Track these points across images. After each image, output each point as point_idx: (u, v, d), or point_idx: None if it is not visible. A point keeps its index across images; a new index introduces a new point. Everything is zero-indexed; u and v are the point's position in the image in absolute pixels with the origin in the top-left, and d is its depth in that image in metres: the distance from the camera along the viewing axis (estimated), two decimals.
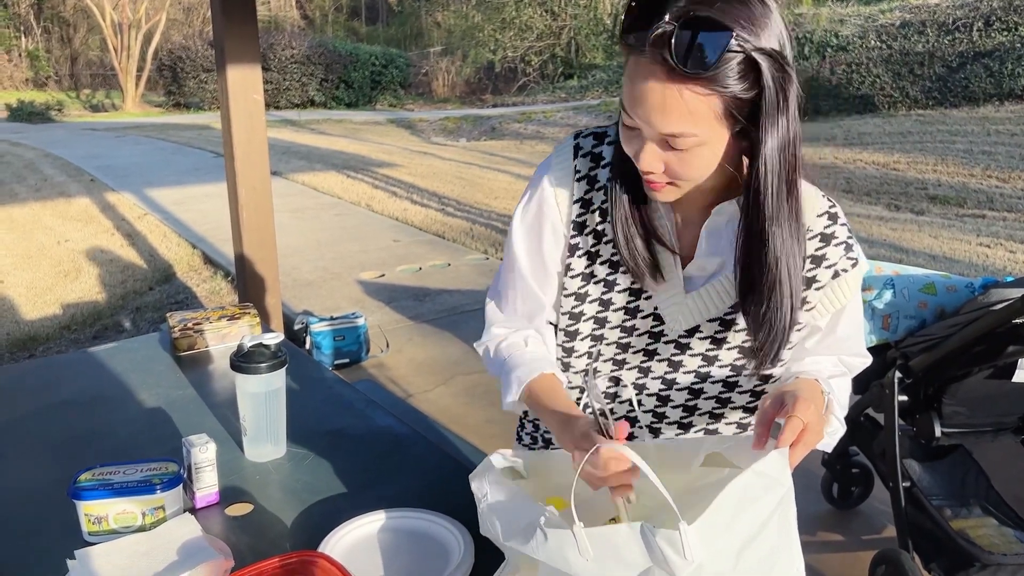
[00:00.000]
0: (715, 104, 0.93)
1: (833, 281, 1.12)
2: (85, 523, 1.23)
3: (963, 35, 13.15)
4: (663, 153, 0.99)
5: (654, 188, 1.04)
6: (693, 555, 0.79)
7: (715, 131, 0.96)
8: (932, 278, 2.28)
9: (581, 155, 1.17)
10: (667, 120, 0.94)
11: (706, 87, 0.91)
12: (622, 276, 1.16)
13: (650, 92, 0.93)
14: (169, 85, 20.06)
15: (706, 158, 0.99)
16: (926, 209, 7.70)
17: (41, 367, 2.13)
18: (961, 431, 2.28)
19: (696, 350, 1.18)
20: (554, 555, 0.85)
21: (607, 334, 1.20)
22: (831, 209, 1.12)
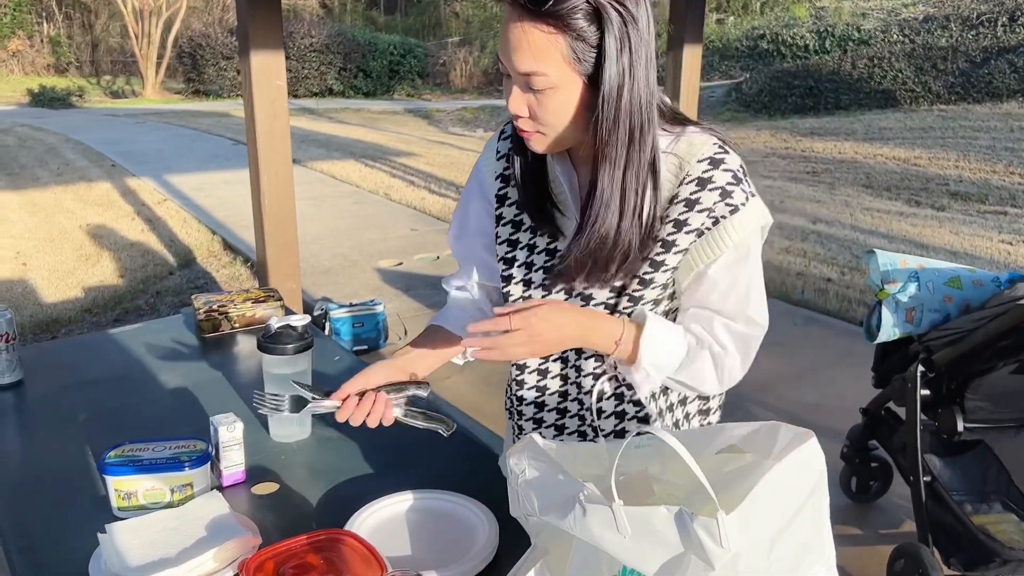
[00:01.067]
0: (561, 44, 1.01)
1: (714, 227, 1.11)
2: (115, 498, 1.25)
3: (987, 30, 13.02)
4: (525, 95, 1.07)
5: (526, 137, 1.12)
6: (730, 544, 0.79)
7: (565, 74, 1.04)
8: (958, 272, 2.26)
9: (503, 138, 1.29)
10: (522, 59, 1.03)
11: (551, 25, 1.00)
12: (540, 239, 1.25)
13: (509, 32, 1.04)
14: (189, 72, 20.13)
15: (560, 101, 1.06)
16: (947, 205, 7.63)
17: (67, 347, 2.15)
18: (983, 426, 2.27)
19: (598, 299, 1.20)
20: (591, 530, 0.85)
21: (533, 294, 1.27)
22: (716, 155, 1.12)
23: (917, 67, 13.12)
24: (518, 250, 1.26)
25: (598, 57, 1.03)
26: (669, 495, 0.98)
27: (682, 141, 1.13)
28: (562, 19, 0.99)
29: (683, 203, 1.12)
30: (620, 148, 1.07)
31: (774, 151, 10.71)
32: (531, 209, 1.22)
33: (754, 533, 0.81)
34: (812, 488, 0.86)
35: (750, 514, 0.81)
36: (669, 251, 1.14)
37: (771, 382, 3.80)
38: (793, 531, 0.84)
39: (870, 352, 2.57)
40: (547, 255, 1.24)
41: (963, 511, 2.22)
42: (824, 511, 0.88)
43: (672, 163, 1.13)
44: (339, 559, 1.05)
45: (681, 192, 1.12)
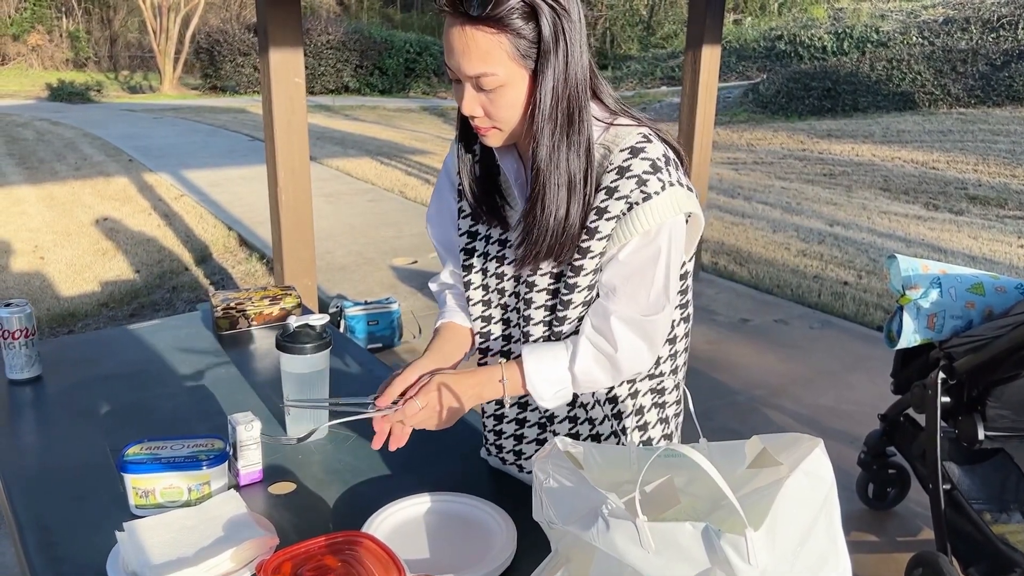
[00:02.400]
0: (505, 44, 1.07)
1: (629, 213, 1.14)
2: (132, 496, 1.25)
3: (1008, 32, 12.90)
4: (477, 95, 1.13)
5: (482, 133, 1.18)
6: (758, 561, 0.78)
7: (512, 71, 1.10)
8: (981, 278, 2.23)
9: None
10: (470, 62, 1.09)
11: (494, 28, 1.06)
12: (494, 230, 1.30)
13: (454, 39, 1.09)
14: (206, 68, 20.22)
15: (511, 97, 1.12)
16: (965, 209, 7.56)
17: (85, 342, 2.16)
18: (1004, 435, 2.24)
19: (540, 286, 1.25)
20: (615, 544, 0.84)
21: (488, 281, 1.33)
22: (638, 144, 1.15)
23: (936, 69, 13.02)
24: (477, 241, 1.32)
25: (538, 51, 1.09)
26: (694, 507, 0.96)
27: (610, 132, 1.18)
28: (501, 20, 1.06)
29: (604, 191, 1.16)
30: (560, 132, 1.12)
31: (791, 153, 10.65)
32: (478, 202, 1.28)
33: (778, 548, 0.80)
34: (824, 498, 0.85)
35: (775, 529, 0.80)
36: (593, 237, 1.17)
37: (786, 385, 3.78)
38: (811, 543, 0.83)
39: (887, 357, 2.55)
40: (499, 245, 1.30)
41: (982, 520, 2.19)
42: (836, 520, 0.87)
43: (599, 153, 1.18)
44: (357, 561, 1.04)
45: (603, 180, 1.17)
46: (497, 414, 1.38)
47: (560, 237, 1.16)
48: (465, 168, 1.28)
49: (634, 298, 1.18)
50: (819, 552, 0.84)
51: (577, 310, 1.23)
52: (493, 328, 1.35)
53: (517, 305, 1.30)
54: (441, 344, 1.38)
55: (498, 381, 1.23)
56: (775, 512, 0.81)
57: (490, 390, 1.24)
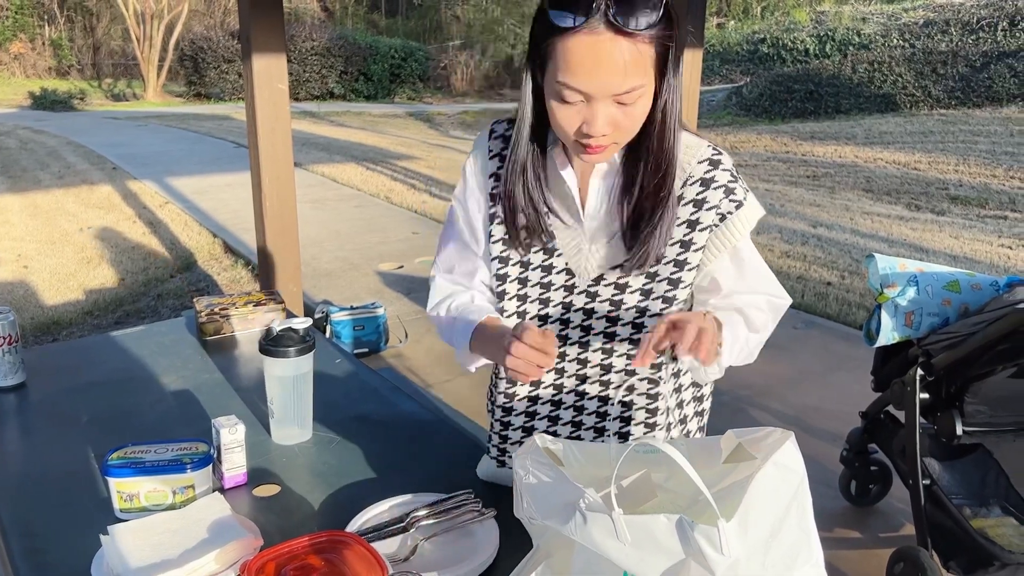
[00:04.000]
0: (650, 53, 1.04)
1: (723, 223, 1.18)
2: (117, 500, 1.26)
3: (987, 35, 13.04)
4: (614, 113, 1.07)
5: (595, 151, 1.11)
6: (731, 551, 0.80)
7: (651, 78, 1.07)
8: (956, 276, 2.27)
9: (494, 137, 1.30)
10: (625, 79, 1.03)
11: (646, 39, 1.03)
12: (534, 255, 1.26)
13: (602, 58, 1.02)
14: (190, 75, 20.16)
15: (645, 107, 1.09)
16: (947, 209, 7.64)
17: (70, 349, 2.16)
18: (982, 430, 2.27)
19: (603, 296, 1.25)
20: (592, 537, 0.86)
21: (530, 292, 1.28)
22: (713, 156, 1.19)
23: (917, 71, 13.14)
24: (512, 249, 1.28)
25: (668, 59, 1.07)
26: (670, 501, 0.98)
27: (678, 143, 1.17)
28: (653, 30, 1.02)
29: (692, 204, 1.18)
30: (671, 141, 1.12)
31: (774, 155, 10.72)
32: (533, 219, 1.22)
33: (750, 538, 0.82)
34: (796, 489, 0.87)
35: (747, 520, 0.82)
36: (689, 250, 1.20)
37: (772, 385, 3.81)
38: (784, 534, 0.85)
39: (870, 356, 2.58)
40: (544, 253, 1.26)
41: (962, 515, 2.22)
42: (808, 512, 0.89)
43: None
44: (340, 561, 1.05)
45: (687, 193, 1.18)
46: (506, 406, 1.34)
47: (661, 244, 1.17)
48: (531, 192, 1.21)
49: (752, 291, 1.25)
50: (791, 543, 0.85)
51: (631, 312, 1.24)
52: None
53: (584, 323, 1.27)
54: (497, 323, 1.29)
55: None
56: (747, 503, 0.82)
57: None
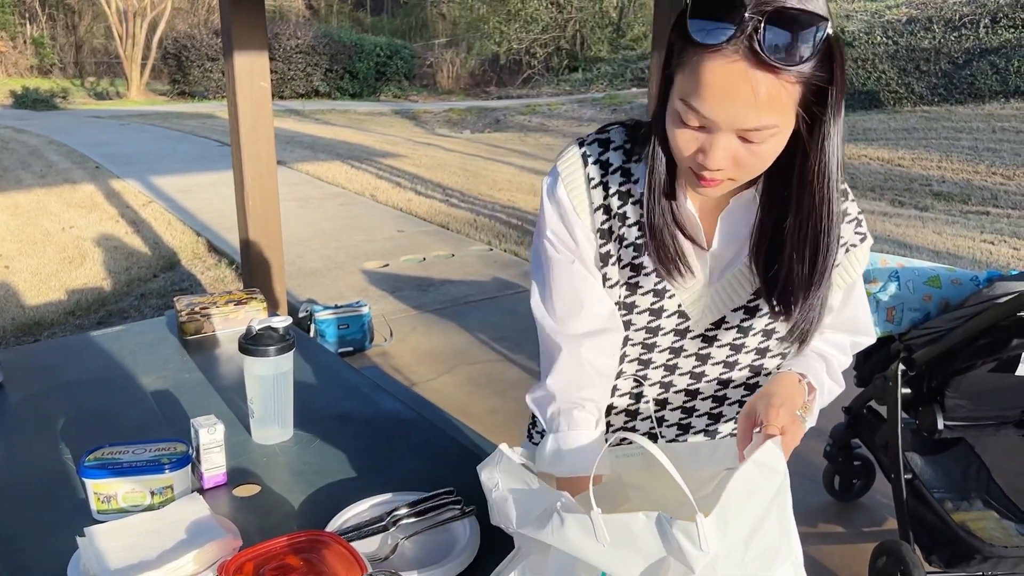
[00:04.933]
0: (797, 92, 0.92)
1: (844, 257, 1.13)
2: (94, 501, 1.24)
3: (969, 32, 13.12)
4: (735, 148, 0.95)
5: (710, 184, 1.00)
6: (709, 547, 0.80)
7: (790, 119, 0.95)
8: (937, 271, 2.28)
9: (591, 163, 1.13)
10: (757, 115, 0.91)
11: (794, 76, 0.90)
12: (644, 278, 1.14)
13: (737, 87, 0.90)
14: (174, 74, 20.04)
15: (777, 148, 0.97)
16: (930, 205, 7.69)
17: (49, 349, 2.14)
18: (963, 424, 2.29)
19: (723, 341, 1.18)
20: (570, 540, 0.86)
21: (632, 335, 1.18)
22: (842, 186, 1.11)
23: (900, 68, 13.20)
24: (638, 295, 1.15)
25: (824, 97, 0.94)
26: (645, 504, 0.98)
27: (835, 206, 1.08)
28: (802, 68, 0.89)
29: None
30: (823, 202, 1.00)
31: None
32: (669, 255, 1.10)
33: (730, 536, 0.82)
34: (777, 489, 0.87)
35: (725, 517, 0.82)
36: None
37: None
38: (763, 533, 0.85)
39: None
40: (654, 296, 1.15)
41: (944, 508, 2.24)
42: (788, 512, 0.89)
43: None
44: (320, 560, 1.05)
45: None
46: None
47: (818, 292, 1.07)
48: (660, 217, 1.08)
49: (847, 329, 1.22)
50: (771, 542, 0.86)
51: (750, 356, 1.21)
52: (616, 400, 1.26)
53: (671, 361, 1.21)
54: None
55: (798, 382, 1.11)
56: (725, 500, 0.82)
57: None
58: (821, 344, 1.21)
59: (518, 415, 1.54)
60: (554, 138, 13.14)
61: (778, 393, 1.04)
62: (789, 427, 0.98)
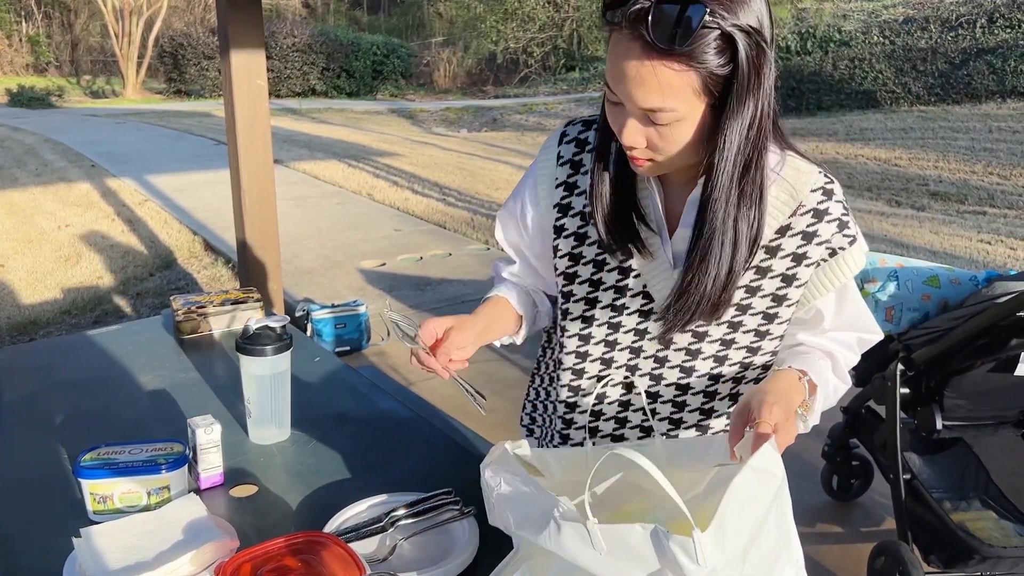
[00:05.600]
0: (692, 79, 0.94)
1: (832, 259, 1.12)
2: (90, 502, 1.24)
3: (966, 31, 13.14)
4: (644, 128, 1.00)
5: (636, 163, 1.06)
6: (706, 560, 0.79)
7: (693, 106, 0.97)
8: (936, 271, 2.28)
9: (566, 141, 1.21)
10: (647, 95, 0.96)
11: (683, 63, 0.93)
12: (611, 256, 1.18)
13: (630, 68, 0.95)
14: (170, 72, 19.99)
15: (684, 132, 1.00)
16: (927, 205, 7.70)
17: (45, 348, 2.13)
18: (962, 424, 2.29)
19: (714, 336, 1.19)
20: (567, 547, 0.85)
21: (597, 314, 1.21)
22: (827, 185, 1.12)
23: (897, 68, 13.21)
24: (580, 265, 1.20)
25: (726, 84, 0.96)
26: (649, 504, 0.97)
27: (788, 166, 1.10)
28: (693, 55, 0.92)
29: (800, 235, 1.11)
30: (735, 174, 1.01)
31: None
32: (615, 229, 1.13)
33: (728, 547, 0.81)
34: (775, 493, 0.86)
35: (723, 528, 0.81)
36: (791, 285, 1.13)
37: None
38: (763, 539, 0.84)
39: None
40: (619, 273, 1.18)
41: (942, 508, 2.24)
42: (788, 515, 0.88)
43: (783, 190, 1.10)
44: (317, 561, 1.04)
45: (795, 224, 1.11)
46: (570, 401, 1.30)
47: (716, 298, 1.08)
48: (600, 191, 1.13)
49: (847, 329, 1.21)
50: (771, 547, 0.85)
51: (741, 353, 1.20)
52: (609, 391, 1.26)
53: (636, 343, 1.21)
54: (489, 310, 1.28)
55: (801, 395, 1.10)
56: (723, 512, 0.81)
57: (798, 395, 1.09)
58: (827, 342, 1.21)
59: (515, 414, 1.54)
60: None
61: (773, 390, 1.04)
62: (782, 425, 0.97)
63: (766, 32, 0.96)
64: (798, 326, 1.22)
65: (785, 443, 0.98)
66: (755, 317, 1.17)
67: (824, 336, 1.21)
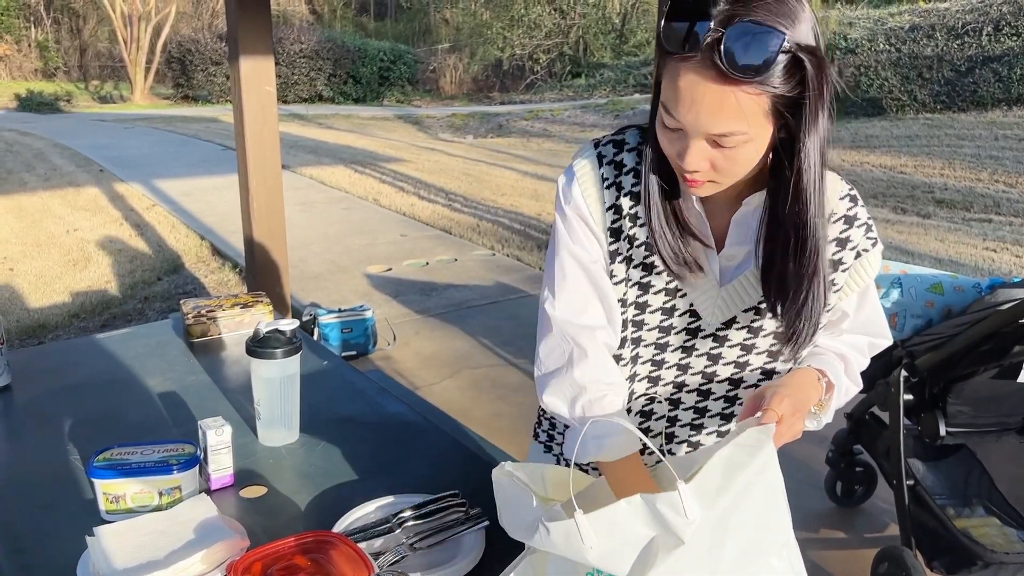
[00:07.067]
0: (764, 103, 0.95)
1: (856, 261, 1.15)
2: (103, 502, 1.26)
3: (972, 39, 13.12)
4: (710, 151, 1.00)
5: (694, 185, 1.05)
6: (693, 513, 0.81)
7: (763, 128, 0.98)
8: (939, 278, 2.29)
9: (606, 163, 1.17)
10: (719, 121, 0.96)
11: (757, 88, 0.94)
12: (656, 278, 1.17)
13: (701, 95, 0.95)
14: (178, 77, 20.09)
15: (752, 154, 1.01)
16: (932, 212, 7.69)
17: (55, 351, 2.15)
18: (965, 431, 2.29)
19: (734, 341, 1.20)
20: (559, 546, 0.87)
21: (644, 336, 1.21)
22: (851, 192, 1.15)
23: (903, 76, 13.21)
24: (629, 288, 1.18)
25: (795, 106, 0.97)
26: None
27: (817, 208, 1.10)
28: (768, 80, 0.93)
29: (835, 242, 1.13)
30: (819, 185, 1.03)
31: None
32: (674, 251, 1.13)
33: (712, 505, 0.83)
34: (762, 466, 0.88)
35: (706, 485, 0.83)
36: (829, 291, 1.15)
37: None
38: (748, 509, 0.86)
39: None
40: (666, 295, 1.18)
41: (946, 515, 2.24)
42: (778, 490, 0.90)
43: None
44: (326, 561, 1.06)
45: (830, 231, 1.13)
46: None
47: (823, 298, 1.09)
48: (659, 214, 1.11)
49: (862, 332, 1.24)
50: (757, 515, 0.86)
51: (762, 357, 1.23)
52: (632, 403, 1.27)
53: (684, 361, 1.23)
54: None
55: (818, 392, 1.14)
56: (706, 472, 0.85)
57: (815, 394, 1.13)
58: (840, 344, 1.23)
59: (521, 419, 1.55)
60: (557, 143, 13.16)
61: (790, 384, 1.07)
62: (788, 418, 1.00)
63: (821, 44, 0.97)
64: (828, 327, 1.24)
65: (787, 436, 1.02)
66: (772, 320, 1.19)
67: (838, 339, 1.24)
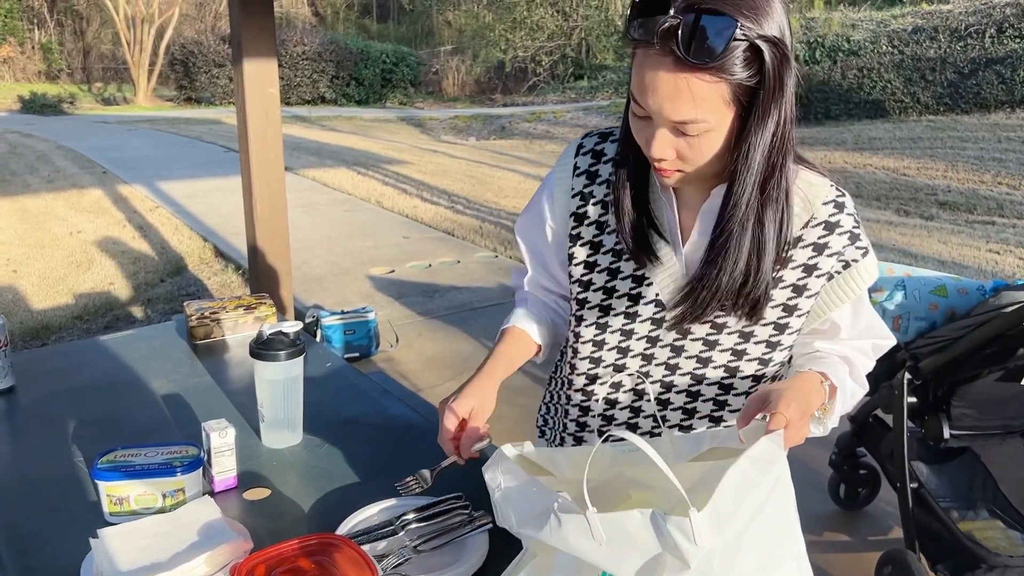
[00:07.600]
0: (723, 90, 0.97)
1: (845, 271, 1.15)
2: (106, 504, 1.26)
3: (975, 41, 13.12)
4: (674, 140, 1.03)
5: (663, 174, 1.08)
6: (703, 541, 0.81)
7: (723, 116, 1.00)
8: (943, 280, 2.29)
9: (582, 152, 1.24)
10: (678, 108, 0.98)
11: (714, 75, 0.95)
12: (625, 264, 1.21)
13: (660, 82, 0.97)
14: (181, 80, 20.12)
15: (713, 142, 1.02)
16: (935, 215, 7.68)
17: (59, 353, 2.15)
18: (969, 433, 2.29)
19: (696, 335, 1.21)
20: (568, 540, 0.87)
21: (611, 321, 1.23)
22: (839, 198, 1.15)
23: (906, 78, 13.21)
24: (595, 273, 1.23)
25: (754, 95, 0.99)
26: (644, 498, 0.99)
27: (800, 179, 1.13)
28: (725, 68, 0.95)
29: (811, 247, 1.14)
30: (759, 180, 1.04)
31: None
32: (633, 238, 1.17)
33: (725, 529, 0.82)
34: (775, 482, 0.87)
35: (719, 510, 0.82)
36: (801, 295, 1.15)
37: None
38: (760, 527, 0.85)
39: None
40: (633, 281, 1.21)
41: (950, 518, 2.24)
42: (789, 505, 0.89)
43: (796, 201, 1.11)
44: (330, 563, 1.05)
45: (807, 235, 1.13)
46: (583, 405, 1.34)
47: (730, 297, 1.10)
48: (624, 204, 1.16)
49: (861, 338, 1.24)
50: (769, 535, 0.86)
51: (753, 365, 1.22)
52: (621, 396, 1.30)
53: (648, 351, 1.24)
54: (506, 351, 1.35)
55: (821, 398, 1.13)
56: (719, 494, 0.83)
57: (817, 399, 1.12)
58: (844, 348, 1.23)
59: (523, 421, 1.55)
60: (559, 145, 13.16)
61: (795, 388, 1.06)
62: (795, 423, 0.99)
63: (787, 40, 0.98)
64: (814, 336, 1.24)
65: (794, 441, 1.01)
66: (766, 328, 1.19)
67: (841, 343, 1.24)
